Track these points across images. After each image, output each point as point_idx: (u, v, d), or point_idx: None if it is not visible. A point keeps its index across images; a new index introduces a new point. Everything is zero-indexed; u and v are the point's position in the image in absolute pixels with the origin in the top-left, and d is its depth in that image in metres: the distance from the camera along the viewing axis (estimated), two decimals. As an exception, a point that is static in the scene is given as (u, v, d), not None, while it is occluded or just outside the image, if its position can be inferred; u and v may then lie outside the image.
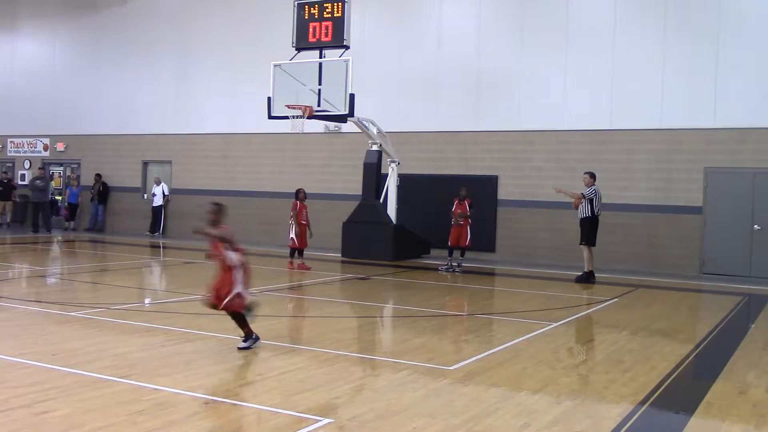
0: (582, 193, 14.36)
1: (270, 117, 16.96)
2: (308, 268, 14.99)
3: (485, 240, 18.43)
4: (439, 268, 15.82)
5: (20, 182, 26.62)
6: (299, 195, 15.20)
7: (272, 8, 21.06)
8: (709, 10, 16.47)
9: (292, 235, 15.08)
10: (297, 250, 15.20)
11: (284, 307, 11.21)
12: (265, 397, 5.63)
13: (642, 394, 6.12)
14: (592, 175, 14.54)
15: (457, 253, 15.91)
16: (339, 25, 16.45)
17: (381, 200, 17.98)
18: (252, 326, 7.27)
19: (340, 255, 17.87)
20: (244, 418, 5.12)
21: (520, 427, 5.13)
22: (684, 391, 6.69)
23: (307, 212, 15.24)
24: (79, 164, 25.76)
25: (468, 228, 15.66)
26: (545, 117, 18.06)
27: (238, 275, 7.13)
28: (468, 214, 15.73)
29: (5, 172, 25.03)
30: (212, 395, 5.60)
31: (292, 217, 15.17)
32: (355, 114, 16.28)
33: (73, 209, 24.98)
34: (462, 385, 6.23)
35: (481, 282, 14.81)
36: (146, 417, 5.03)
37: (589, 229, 14.35)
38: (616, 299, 12.20)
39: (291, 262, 15.22)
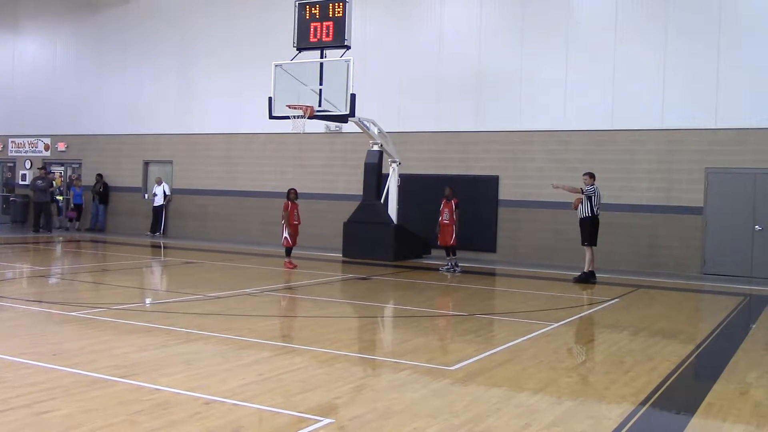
0: (581, 188, 14.37)
1: (271, 117, 16.96)
2: (294, 266, 15.05)
3: (486, 240, 18.46)
4: (440, 268, 15.81)
5: (21, 182, 26.69)
6: (290, 195, 15.21)
7: (273, 8, 21.07)
8: (710, 10, 16.46)
9: (286, 234, 15.10)
10: (288, 249, 15.27)
11: (284, 306, 11.22)
12: (265, 397, 5.63)
13: (643, 395, 6.12)
14: (592, 175, 14.53)
15: (451, 253, 15.86)
16: (340, 25, 16.46)
17: (382, 200, 17.98)
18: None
19: (340, 255, 17.87)
20: (244, 418, 5.12)
21: (520, 428, 5.12)
22: (685, 391, 6.68)
23: (298, 211, 15.23)
24: (80, 164, 25.77)
25: (453, 227, 15.58)
26: (546, 117, 18.06)
27: None
28: (455, 213, 15.60)
29: (50, 173, 24.56)
30: (213, 395, 5.60)
31: (284, 217, 15.18)
32: (356, 114, 16.28)
33: (78, 210, 24.98)
34: (463, 386, 6.23)
35: (482, 282, 14.80)
36: (147, 417, 5.03)
37: (589, 229, 14.34)
38: (617, 299, 12.20)
39: (289, 262, 15.23)
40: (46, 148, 26.41)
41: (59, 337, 7.80)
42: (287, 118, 16.52)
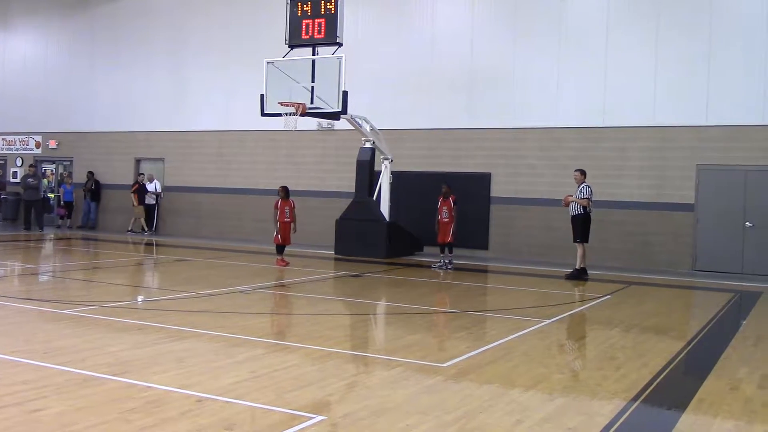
0: (588, 198, 14.27)
1: (263, 114, 16.94)
2: (286, 264, 15.02)
3: (478, 237, 18.48)
4: (433, 265, 15.82)
5: (11, 180, 26.57)
6: (280, 192, 15.24)
7: (266, 5, 21.01)
8: (702, 8, 16.51)
9: (276, 232, 15.13)
10: (280, 246, 15.25)
11: (277, 304, 11.21)
12: (258, 395, 5.63)
13: (634, 391, 6.14)
14: (583, 172, 14.57)
15: (447, 250, 15.89)
16: (332, 22, 16.42)
17: (374, 197, 17.98)
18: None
19: (333, 252, 17.87)
20: (237, 415, 5.12)
21: (512, 424, 5.14)
22: (676, 387, 6.71)
23: (290, 209, 15.21)
24: (71, 162, 25.67)
25: (452, 225, 15.59)
26: (538, 114, 18.09)
27: None
28: (453, 210, 15.62)
29: (142, 174, 23.67)
30: (205, 393, 5.59)
31: (275, 214, 15.18)
32: (348, 111, 16.27)
33: (68, 207, 24.88)
34: (455, 382, 6.24)
35: (474, 279, 14.82)
36: (139, 415, 5.03)
37: (581, 227, 14.37)
38: (608, 296, 12.23)
39: (281, 259, 15.22)
40: (38, 145, 26.30)
41: (51, 334, 7.77)
42: (279, 115, 16.48)
